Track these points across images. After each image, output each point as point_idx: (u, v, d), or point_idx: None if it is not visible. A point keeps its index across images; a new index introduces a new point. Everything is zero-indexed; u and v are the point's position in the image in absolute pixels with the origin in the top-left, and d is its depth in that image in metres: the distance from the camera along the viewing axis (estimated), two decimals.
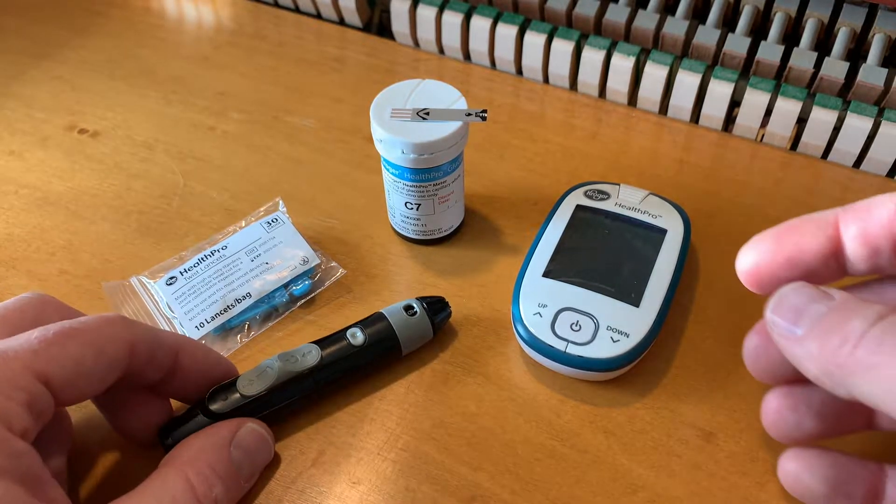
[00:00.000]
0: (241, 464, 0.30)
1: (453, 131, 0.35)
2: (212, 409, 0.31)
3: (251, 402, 0.32)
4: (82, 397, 0.27)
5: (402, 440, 0.33)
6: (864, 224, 0.26)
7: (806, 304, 0.24)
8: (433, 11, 0.51)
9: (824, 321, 0.24)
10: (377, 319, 0.35)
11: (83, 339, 0.27)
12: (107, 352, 0.27)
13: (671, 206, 0.39)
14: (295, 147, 0.47)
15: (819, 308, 0.24)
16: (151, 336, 0.29)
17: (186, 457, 0.29)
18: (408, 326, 0.35)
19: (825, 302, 0.24)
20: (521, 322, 0.35)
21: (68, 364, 0.26)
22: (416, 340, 0.35)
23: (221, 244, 0.39)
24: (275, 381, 0.32)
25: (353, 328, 0.35)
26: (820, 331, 0.24)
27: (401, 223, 0.40)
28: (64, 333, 0.26)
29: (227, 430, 0.30)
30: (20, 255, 0.41)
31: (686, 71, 0.46)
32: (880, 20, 0.43)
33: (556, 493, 0.31)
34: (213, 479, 0.28)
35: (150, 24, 0.57)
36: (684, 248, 0.37)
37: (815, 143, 0.45)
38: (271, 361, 0.33)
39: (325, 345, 0.34)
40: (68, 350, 0.26)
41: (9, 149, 0.47)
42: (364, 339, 0.34)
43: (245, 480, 0.30)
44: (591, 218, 0.39)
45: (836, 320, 0.23)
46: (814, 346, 0.24)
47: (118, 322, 0.28)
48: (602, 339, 0.34)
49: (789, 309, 0.25)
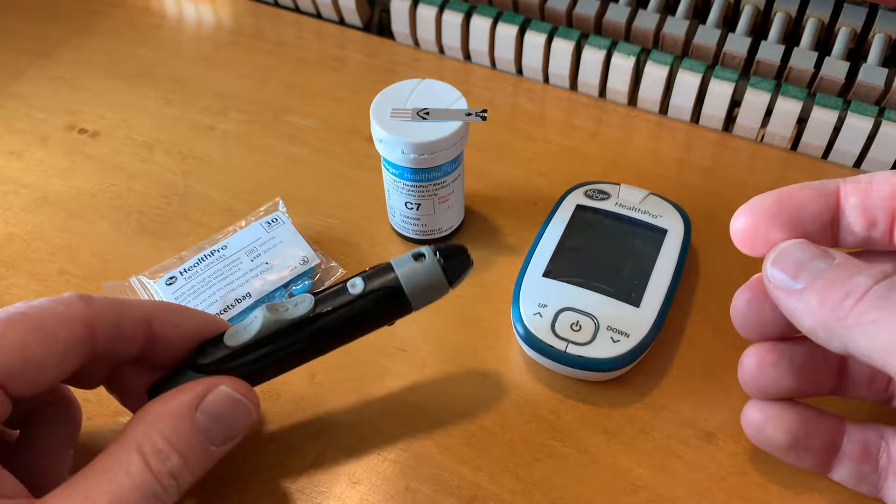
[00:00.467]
0: (209, 429, 0.27)
1: (453, 131, 0.35)
2: (199, 364, 0.29)
3: (235, 354, 0.29)
4: (37, 387, 0.26)
5: (402, 440, 0.33)
6: (866, 196, 0.26)
7: (808, 260, 0.25)
8: (433, 11, 0.51)
9: (826, 275, 0.24)
10: (382, 269, 0.31)
11: (29, 324, 0.25)
12: (59, 336, 0.25)
13: (671, 205, 0.39)
14: (295, 147, 0.47)
15: (820, 264, 0.25)
16: (113, 310, 0.27)
17: (141, 428, 0.26)
18: (414, 272, 0.30)
19: (826, 259, 0.25)
20: (521, 322, 0.35)
21: (10, 353, 0.24)
22: (425, 291, 0.31)
23: (221, 244, 0.39)
24: (260, 332, 0.29)
25: (354, 278, 0.31)
26: (822, 285, 0.24)
27: (401, 223, 0.40)
28: (6, 321, 0.25)
29: (190, 395, 0.27)
30: (20, 255, 0.41)
31: (686, 71, 0.46)
32: (880, 20, 0.43)
33: (556, 493, 0.31)
34: (168, 450, 0.26)
35: (150, 24, 0.57)
36: (684, 248, 0.37)
37: (816, 143, 0.45)
38: (258, 311, 0.30)
39: (321, 294, 0.30)
40: (10, 337, 0.25)
41: (9, 149, 0.47)
42: (363, 288, 0.30)
43: (217, 445, 0.28)
44: (592, 218, 0.39)
45: (839, 275, 0.24)
46: (814, 299, 0.24)
47: (73, 302, 0.26)
48: (602, 339, 0.34)
49: (791, 263, 0.25)
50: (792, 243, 0.26)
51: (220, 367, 0.29)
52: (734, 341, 0.36)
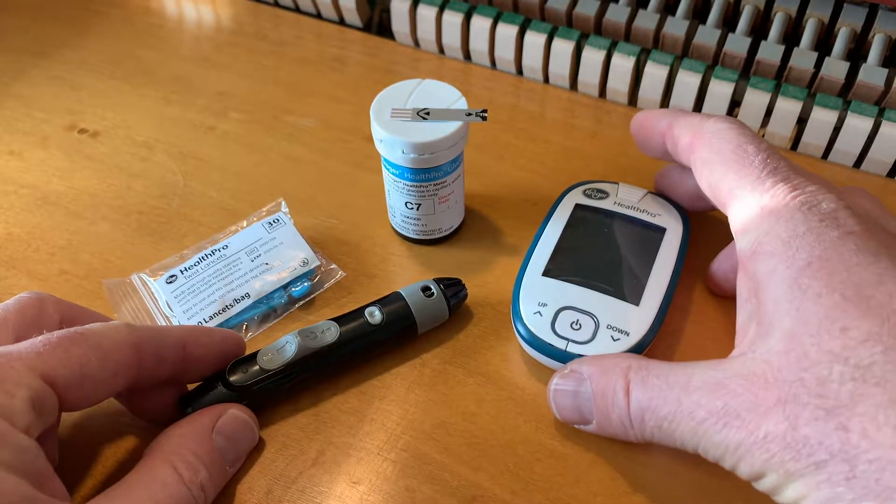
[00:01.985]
0: (224, 449, 0.30)
1: (453, 131, 0.35)
2: (231, 381, 0.32)
3: (270, 375, 0.33)
4: (90, 401, 0.28)
5: (402, 440, 0.33)
6: (673, 144, 0.35)
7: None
8: (433, 11, 0.51)
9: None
10: (395, 299, 0.36)
11: (88, 344, 0.27)
12: (112, 357, 0.28)
13: (670, 204, 0.39)
14: (295, 147, 0.47)
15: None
16: (156, 337, 0.30)
17: (169, 445, 0.29)
18: (425, 307, 0.36)
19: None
20: (521, 321, 0.35)
21: (73, 366, 0.26)
22: (431, 320, 0.36)
23: (222, 244, 0.39)
24: (294, 356, 0.33)
25: (371, 307, 0.35)
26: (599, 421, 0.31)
27: (401, 223, 0.40)
28: (68, 338, 0.27)
29: (208, 417, 0.31)
30: (20, 255, 0.41)
31: (686, 71, 0.46)
32: (880, 20, 0.43)
33: (556, 493, 0.31)
34: (198, 464, 0.29)
35: (150, 23, 0.57)
36: (683, 247, 0.37)
37: (816, 143, 0.45)
38: (291, 337, 0.34)
39: (344, 322, 0.35)
40: (72, 353, 0.27)
41: (9, 149, 0.47)
42: (382, 318, 0.35)
43: (229, 465, 0.31)
44: (591, 217, 0.39)
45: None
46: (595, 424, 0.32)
47: (122, 328, 0.29)
48: (602, 337, 0.34)
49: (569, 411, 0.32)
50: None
51: (254, 385, 0.32)
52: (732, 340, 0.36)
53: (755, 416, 0.25)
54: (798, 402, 0.24)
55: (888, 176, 0.44)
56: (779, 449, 0.24)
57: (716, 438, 0.26)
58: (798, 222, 0.27)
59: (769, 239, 0.28)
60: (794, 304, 0.26)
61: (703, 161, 0.32)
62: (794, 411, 0.24)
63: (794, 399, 0.24)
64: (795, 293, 0.26)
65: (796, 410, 0.24)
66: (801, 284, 0.26)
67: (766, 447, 0.24)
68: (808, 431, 0.24)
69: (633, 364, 0.29)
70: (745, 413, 0.25)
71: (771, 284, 0.27)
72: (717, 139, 0.32)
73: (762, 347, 0.26)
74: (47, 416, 0.26)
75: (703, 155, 0.32)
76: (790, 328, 0.26)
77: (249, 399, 0.33)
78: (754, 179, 0.29)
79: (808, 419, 0.24)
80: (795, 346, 0.25)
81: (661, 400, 0.27)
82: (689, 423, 0.26)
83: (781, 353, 0.25)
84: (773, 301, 0.27)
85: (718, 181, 0.31)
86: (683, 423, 0.27)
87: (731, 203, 0.31)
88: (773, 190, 0.29)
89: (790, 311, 0.26)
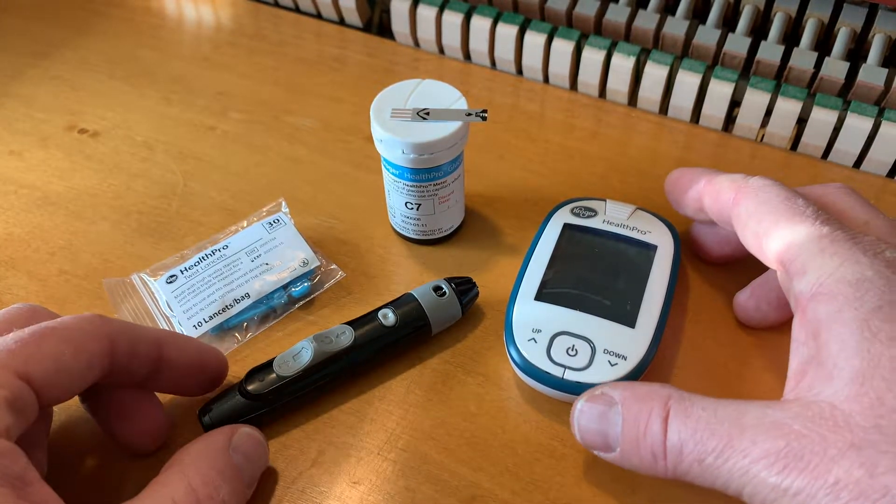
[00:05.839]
0: (242, 467, 0.29)
1: (453, 131, 0.35)
2: (248, 390, 0.32)
3: (287, 382, 0.33)
4: (66, 395, 0.27)
5: (402, 440, 0.33)
6: (713, 201, 0.34)
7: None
8: (433, 11, 0.51)
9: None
10: (408, 300, 0.36)
11: (59, 337, 0.27)
12: (86, 348, 0.27)
13: (659, 220, 0.38)
14: (295, 147, 0.47)
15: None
16: (131, 330, 0.29)
17: (188, 461, 0.28)
18: (438, 307, 0.36)
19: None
20: (515, 348, 0.34)
21: (47, 361, 0.26)
22: (445, 320, 0.36)
23: (223, 244, 0.39)
24: (311, 362, 0.33)
25: (385, 309, 0.35)
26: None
27: (401, 223, 0.40)
28: (39, 333, 0.27)
29: (223, 435, 0.30)
30: (20, 255, 0.41)
31: (686, 71, 0.46)
32: (880, 20, 0.43)
33: (556, 493, 0.31)
34: (219, 480, 0.28)
35: (150, 24, 0.57)
36: (675, 264, 0.37)
37: (816, 144, 0.45)
38: (306, 343, 0.34)
39: (358, 325, 0.35)
40: (45, 347, 0.26)
41: (9, 149, 0.47)
42: (396, 320, 0.35)
43: (247, 486, 0.30)
44: (580, 237, 0.38)
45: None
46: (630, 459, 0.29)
47: (95, 319, 0.28)
48: (599, 363, 0.33)
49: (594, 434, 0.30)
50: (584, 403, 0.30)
51: (272, 393, 0.32)
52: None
53: (823, 460, 0.23)
54: (876, 448, 0.23)
55: (888, 176, 0.44)
56: (850, 497, 0.23)
57: (771, 480, 0.24)
58: (864, 266, 0.26)
59: (832, 281, 0.27)
60: (865, 345, 0.25)
61: (749, 213, 0.31)
62: (871, 458, 0.23)
63: (870, 445, 0.23)
64: (865, 335, 0.25)
65: (874, 458, 0.23)
66: (872, 327, 0.25)
67: (835, 494, 0.23)
68: (889, 481, 0.22)
69: (674, 394, 0.27)
70: (811, 456, 0.23)
71: (836, 325, 0.26)
72: (765, 192, 0.31)
73: (827, 390, 0.25)
74: (26, 415, 0.25)
75: (750, 207, 0.31)
76: (861, 370, 0.24)
77: (268, 407, 0.32)
78: (809, 226, 0.28)
79: (888, 468, 0.22)
80: (868, 389, 0.24)
81: (708, 433, 0.25)
82: (741, 461, 0.24)
83: (852, 396, 0.24)
84: (838, 342, 0.26)
85: (767, 230, 0.30)
86: (732, 459, 0.25)
87: (782, 249, 0.29)
88: (832, 236, 0.28)
89: (860, 352, 0.25)
